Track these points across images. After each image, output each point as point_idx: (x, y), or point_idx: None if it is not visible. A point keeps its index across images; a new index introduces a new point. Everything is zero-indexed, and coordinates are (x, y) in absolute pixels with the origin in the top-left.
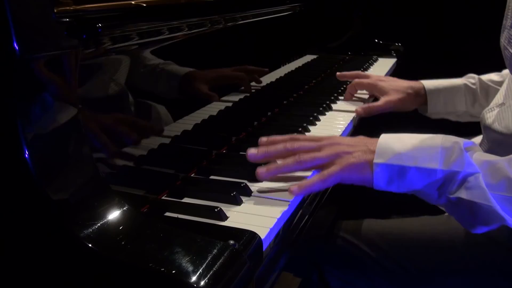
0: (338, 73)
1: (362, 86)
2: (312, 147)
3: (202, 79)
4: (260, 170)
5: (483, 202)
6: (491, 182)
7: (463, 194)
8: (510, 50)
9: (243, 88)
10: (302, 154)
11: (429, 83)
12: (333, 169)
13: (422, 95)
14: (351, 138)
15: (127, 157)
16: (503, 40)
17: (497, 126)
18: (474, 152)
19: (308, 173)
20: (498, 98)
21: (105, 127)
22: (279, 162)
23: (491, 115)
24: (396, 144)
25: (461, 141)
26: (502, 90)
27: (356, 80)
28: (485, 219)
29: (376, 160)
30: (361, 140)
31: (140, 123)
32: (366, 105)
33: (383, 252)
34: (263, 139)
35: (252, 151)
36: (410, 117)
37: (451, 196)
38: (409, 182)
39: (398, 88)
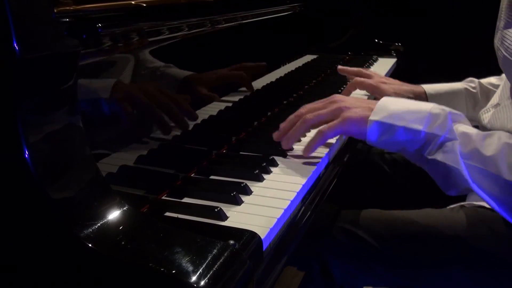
0: (339, 66)
1: (364, 87)
2: (317, 107)
3: (202, 81)
4: (282, 143)
5: (453, 165)
6: (463, 151)
7: (439, 156)
8: (503, 51)
9: (244, 88)
10: (307, 115)
11: (430, 88)
12: (335, 122)
13: (423, 99)
14: (355, 97)
15: (127, 157)
16: (496, 41)
17: (493, 126)
18: (458, 122)
19: (308, 174)
20: (494, 99)
21: (105, 127)
22: (291, 132)
23: (487, 116)
24: (392, 105)
25: (449, 109)
26: (498, 91)
27: (358, 79)
28: (455, 181)
29: (371, 117)
30: (364, 100)
31: (140, 123)
32: None
33: (387, 243)
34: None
35: (274, 133)
36: None
37: (430, 157)
38: (396, 140)
39: (399, 92)
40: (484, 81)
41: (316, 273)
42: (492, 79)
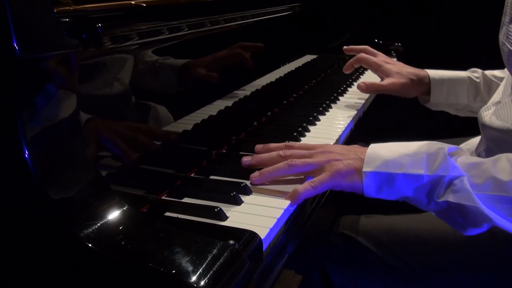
0: (345, 47)
1: (367, 63)
2: (304, 154)
3: (200, 65)
4: (253, 175)
5: (469, 203)
6: (477, 183)
7: (450, 197)
8: (508, 45)
9: (244, 64)
10: (294, 159)
11: (433, 73)
12: (323, 176)
13: (425, 84)
14: (344, 146)
15: (127, 157)
16: (501, 36)
17: (494, 123)
18: (458, 156)
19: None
20: (495, 96)
21: (105, 127)
22: (271, 167)
23: (488, 113)
24: (383, 152)
25: (445, 146)
26: (500, 89)
27: (363, 55)
28: (473, 220)
29: (365, 169)
30: (353, 148)
31: (140, 123)
32: (369, 82)
33: (386, 249)
34: (259, 146)
35: (246, 158)
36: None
37: (440, 200)
38: (398, 189)
39: (403, 73)
40: (488, 72)
41: (315, 279)
42: (496, 72)
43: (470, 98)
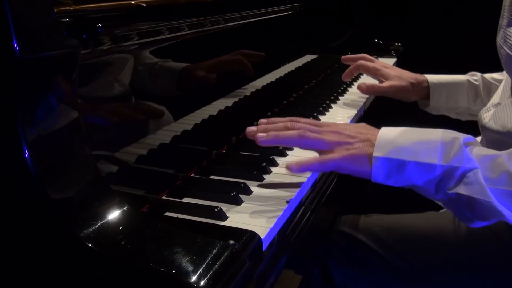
0: (343, 56)
1: (366, 69)
2: (313, 130)
3: (200, 69)
4: (260, 134)
5: (482, 197)
6: (491, 177)
7: (461, 189)
8: (506, 49)
9: (245, 71)
10: (306, 131)
11: (432, 77)
12: (333, 155)
13: (424, 88)
14: (353, 127)
15: (127, 157)
16: (499, 40)
17: (493, 125)
18: (473, 147)
19: (307, 174)
20: (495, 98)
21: (105, 127)
22: (281, 132)
23: (487, 115)
24: (395, 137)
25: (461, 136)
26: (499, 90)
27: (362, 61)
28: (483, 214)
29: (375, 154)
30: (363, 129)
31: (140, 123)
32: (370, 83)
33: (387, 247)
34: (263, 120)
35: (251, 127)
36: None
37: (450, 191)
38: (407, 177)
39: (402, 76)
40: (487, 75)
41: (315, 277)
42: (495, 75)
43: (470, 101)
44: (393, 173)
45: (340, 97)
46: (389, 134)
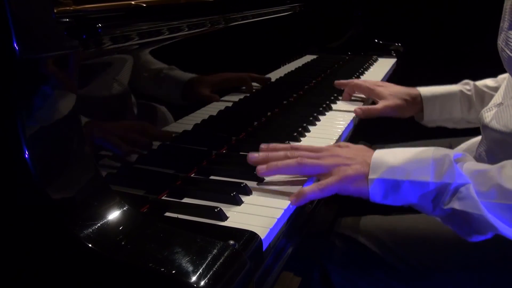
0: (336, 81)
1: (360, 89)
2: (312, 156)
3: (205, 82)
4: (261, 167)
5: (474, 211)
6: (482, 190)
7: (455, 204)
8: (507, 51)
9: (244, 88)
10: (305, 158)
11: (425, 90)
12: (331, 179)
13: (418, 102)
14: (350, 149)
15: (127, 157)
16: (500, 42)
17: (495, 125)
18: (464, 163)
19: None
20: (497, 98)
21: (105, 127)
22: (280, 162)
23: (489, 115)
24: (389, 158)
25: (451, 153)
26: (501, 90)
27: (355, 81)
28: (478, 228)
29: (371, 176)
30: (360, 152)
31: (140, 123)
32: (365, 107)
33: (387, 249)
34: (264, 145)
35: (253, 154)
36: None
37: (445, 207)
38: (403, 195)
39: (396, 94)
40: (480, 83)
41: (315, 279)
42: (488, 81)
43: (464, 112)
44: (389, 193)
45: (340, 97)
46: (382, 155)
